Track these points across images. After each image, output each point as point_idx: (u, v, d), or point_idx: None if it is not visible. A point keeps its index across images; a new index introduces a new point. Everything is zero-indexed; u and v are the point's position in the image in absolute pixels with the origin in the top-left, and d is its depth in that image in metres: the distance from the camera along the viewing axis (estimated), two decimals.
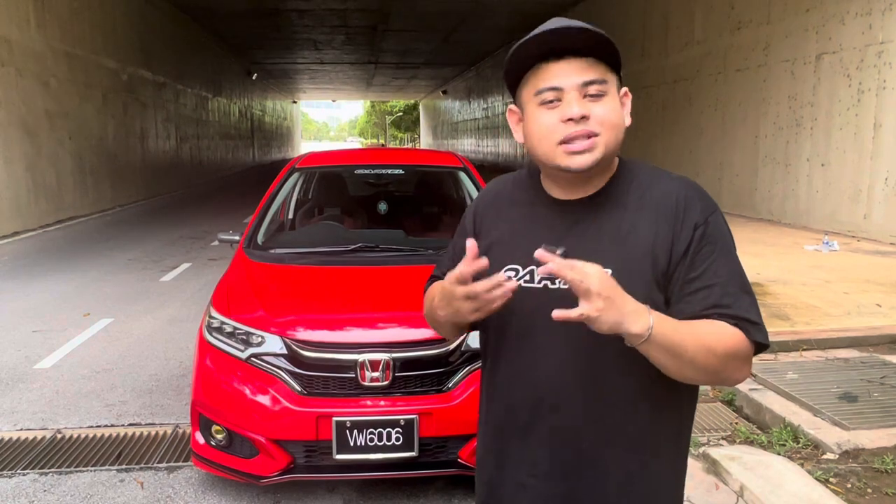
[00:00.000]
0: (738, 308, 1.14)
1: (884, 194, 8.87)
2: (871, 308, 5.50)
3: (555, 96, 1.16)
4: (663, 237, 1.18)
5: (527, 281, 1.22)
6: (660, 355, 1.08)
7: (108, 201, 14.91)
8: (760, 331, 1.14)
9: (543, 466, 1.25)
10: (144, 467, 3.33)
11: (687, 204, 1.20)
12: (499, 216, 1.33)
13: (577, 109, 1.14)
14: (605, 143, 1.16)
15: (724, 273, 1.16)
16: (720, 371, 1.12)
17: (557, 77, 1.15)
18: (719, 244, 1.18)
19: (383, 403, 2.78)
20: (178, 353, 5.06)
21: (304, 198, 4.88)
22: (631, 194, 1.23)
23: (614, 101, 1.18)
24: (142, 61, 17.35)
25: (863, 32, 9.11)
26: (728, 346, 1.11)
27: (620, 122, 1.19)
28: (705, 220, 1.19)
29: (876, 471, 2.95)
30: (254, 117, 35.90)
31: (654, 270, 1.17)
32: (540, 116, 1.18)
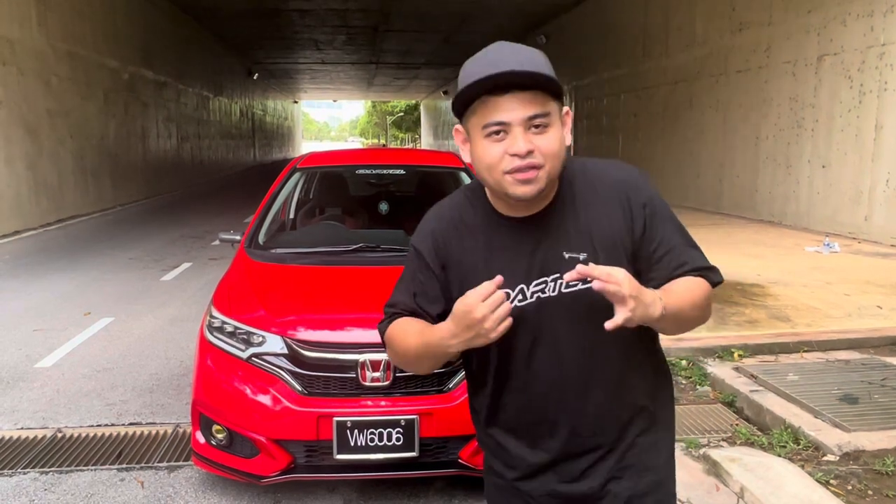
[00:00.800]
0: (695, 261, 1.33)
1: (885, 196, 8.87)
2: (872, 310, 5.50)
3: (501, 129, 1.23)
4: (620, 224, 1.32)
5: (520, 301, 1.30)
6: (669, 324, 1.24)
7: (109, 200, 14.92)
8: (716, 273, 1.35)
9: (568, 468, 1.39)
10: (145, 467, 3.33)
11: (629, 189, 1.34)
12: (463, 244, 1.36)
13: (523, 145, 1.22)
14: (549, 172, 1.26)
15: (676, 236, 1.34)
16: (701, 318, 1.33)
17: (503, 112, 1.22)
18: (664, 213, 1.36)
19: (384, 403, 2.78)
20: (179, 352, 5.06)
21: (305, 198, 4.88)
22: (582, 193, 1.34)
23: (557, 129, 1.26)
24: (143, 61, 17.35)
25: (864, 34, 9.11)
26: (703, 294, 1.31)
27: (562, 150, 1.27)
28: (649, 198, 1.35)
29: (876, 473, 2.95)
30: (255, 117, 35.91)
31: (624, 253, 1.31)
32: (487, 148, 1.25)
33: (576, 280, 1.16)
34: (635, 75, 16.01)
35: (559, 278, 1.28)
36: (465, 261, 1.35)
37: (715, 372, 4.29)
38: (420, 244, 1.40)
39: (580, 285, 1.23)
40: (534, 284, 1.30)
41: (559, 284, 1.29)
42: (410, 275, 1.41)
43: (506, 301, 1.17)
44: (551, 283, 1.29)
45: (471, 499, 3.01)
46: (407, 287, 1.41)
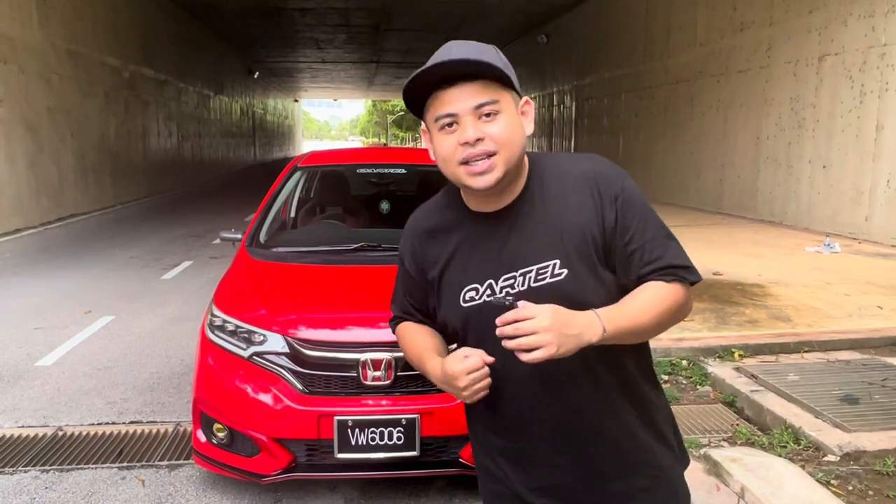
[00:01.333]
0: (667, 258, 1.28)
1: (885, 196, 8.87)
2: (873, 310, 5.50)
3: (452, 121, 1.26)
4: (590, 216, 1.29)
5: (489, 295, 1.31)
6: (620, 340, 1.23)
7: (110, 199, 14.91)
8: (691, 272, 1.30)
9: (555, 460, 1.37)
10: (146, 465, 3.33)
11: (599, 181, 1.31)
12: (439, 243, 1.40)
13: (472, 133, 1.24)
14: (505, 159, 1.25)
15: (650, 230, 1.29)
16: (670, 321, 1.29)
17: (452, 103, 1.25)
18: (638, 206, 1.31)
19: (385, 403, 2.78)
20: (180, 350, 5.06)
21: (306, 197, 4.87)
22: (551, 187, 1.33)
23: (509, 117, 1.26)
24: (144, 59, 17.34)
25: (865, 34, 9.11)
26: (672, 303, 1.27)
27: (517, 136, 1.27)
28: (621, 189, 1.30)
29: (877, 473, 2.95)
30: (255, 116, 35.90)
31: (594, 247, 1.29)
32: (441, 141, 1.28)
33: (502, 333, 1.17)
34: (636, 75, 16.00)
35: (528, 272, 1.28)
36: (440, 259, 1.39)
37: (715, 372, 4.30)
38: (402, 251, 1.48)
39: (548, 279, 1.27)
40: (502, 279, 1.30)
41: (528, 279, 1.29)
42: (401, 278, 1.51)
43: (486, 378, 1.23)
44: (520, 278, 1.29)
45: (471, 498, 3.01)
46: (399, 289, 1.52)
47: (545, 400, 1.34)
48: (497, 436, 1.42)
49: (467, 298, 1.33)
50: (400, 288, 1.51)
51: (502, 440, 1.41)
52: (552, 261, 1.27)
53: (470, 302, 1.33)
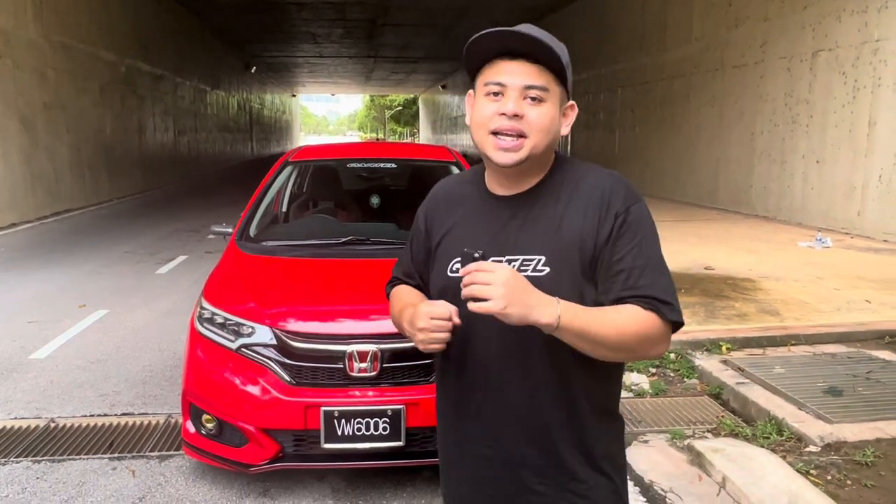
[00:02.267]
0: (651, 289, 1.25)
1: (878, 192, 8.91)
2: (861, 304, 5.54)
3: (499, 90, 1.29)
4: (590, 225, 1.30)
5: None
6: (572, 339, 1.21)
7: (105, 194, 14.92)
8: (673, 310, 1.25)
9: (501, 438, 1.37)
10: (136, 456, 3.37)
11: (611, 195, 1.31)
12: (447, 213, 1.45)
13: (512, 107, 1.27)
14: (532, 145, 1.29)
15: (642, 258, 1.27)
16: (634, 349, 1.25)
17: (505, 74, 1.29)
18: (640, 232, 1.29)
19: (371, 394, 2.82)
20: (173, 344, 5.09)
21: (298, 191, 4.90)
22: (564, 189, 1.35)
23: (551, 109, 1.30)
24: (139, 54, 17.33)
25: (858, 30, 9.14)
26: (639, 327, 1.23)
27: (551, 129, 1.31)
28: (626, 209, 1.30)
29: (856, 463, 2.99)
30: (252, 110, 35.86)
31: (581, 256, 1.29)
32: (483, 105, 1.32)
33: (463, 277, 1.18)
34: (632, 70, 16.02)
35: (514, 261, 1.30)
36: (445, 227, 1.43)
37: (703, 365, 4.34)
38: (419, 211, 1.53)
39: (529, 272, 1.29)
40: (490, 260, 1.28)
41: (512, 266, 1.29)
42: (410, 238, 1.55)
43: (445, 332, 1.25)
44: (505, 263, 1.29)
45: None
46: (407, 250, 1.56)
47: (489, 387, 1.35)
48: (445, 409, 1.48)
49: (453, 269, 1.35)
50: (408, 251, 1.55)
51: (449, 416, 1.46)
52: (539, 256, 1.30)
53: (455, 273, 1.34)
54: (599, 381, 1.37)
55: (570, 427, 1.34)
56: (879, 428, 3.34)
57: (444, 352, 1.38)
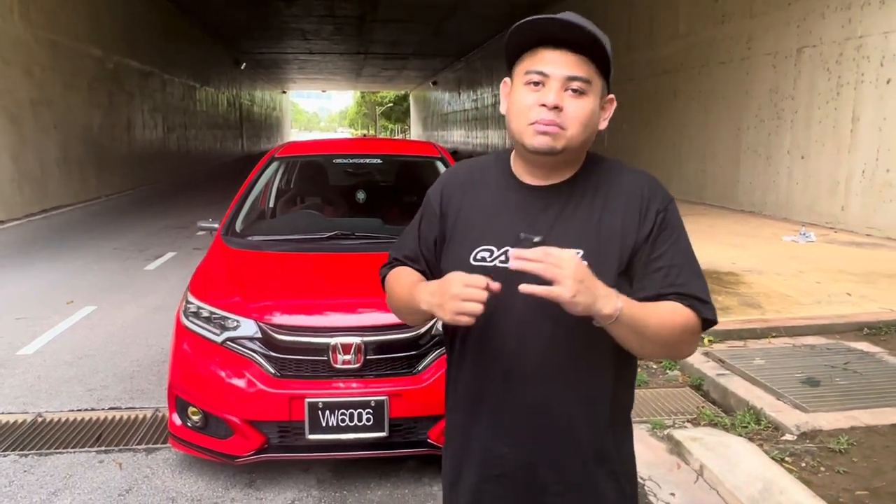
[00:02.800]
0: (690, 287, 1.26)
1: (861, 187, 9.02)
2: (842, 297, 5.63)
3: (540, 80, 1.24)
4: (630, 222, 1.28)
5: (502, 261, 1.28)
6: (626, 333, 1.18)
7: (94, 191, 14.86)
8: (710, 309, 1.26)
9: (520, 436, 1.33)
10: (123, 449, 3.40)
11: (651, 193, 1.31)
12: (468, 197, 1.38)
13: (553, 98, 1.23)
14: (569, 138, 1.25)
15: (681, 257, 1.28)
16: (674, 345, 1.26)
17: (548, 64, 1.24)
18: (676, 230, 1.30)
19: (355, 385, 2.86)
20: (161, 339, 5.11)
21: (285, 187, 4.93)
22: (601, 183, 1.32)
23: (592, 102, 1.26)
24: (127, 50, 17.24)
25: (842, 26, 9.23)
26: (682, 322, 1.23)
27: (591, 123, 1.27)
28: (665, 208, 1.30)
29: (830, 451, 3.06)
30: (242, 107, 35.73)
31: (620, 251, 1.27)
32: (522, 94, 1.27)
33: (519, 267, 1.11)
34: (620, 67, 15.97)
35: None
36: (464, 211, 1.37)
37: None
38: (431, 192, 1.46)
39: None
40: None
41: None
42: (418, 220, 1.47)
43: (479, 303, 1.14)
44: (571, 250, 1.23)
45: (440, 477, 3.09)
46: (413, 232, 1.48)
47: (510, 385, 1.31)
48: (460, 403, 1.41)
49: (478, 257, 1.30)
50: (413, 232, 1.47)
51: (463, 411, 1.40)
52: (576, 249, 1.24)
53: (480, 262, 1.30)
54: (625, 386, 1.37)
55: (593, 430, 1.32)
56: (854, 416, 3.41)
57: (464, 344, 1.35)
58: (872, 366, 4.15)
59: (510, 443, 1.34)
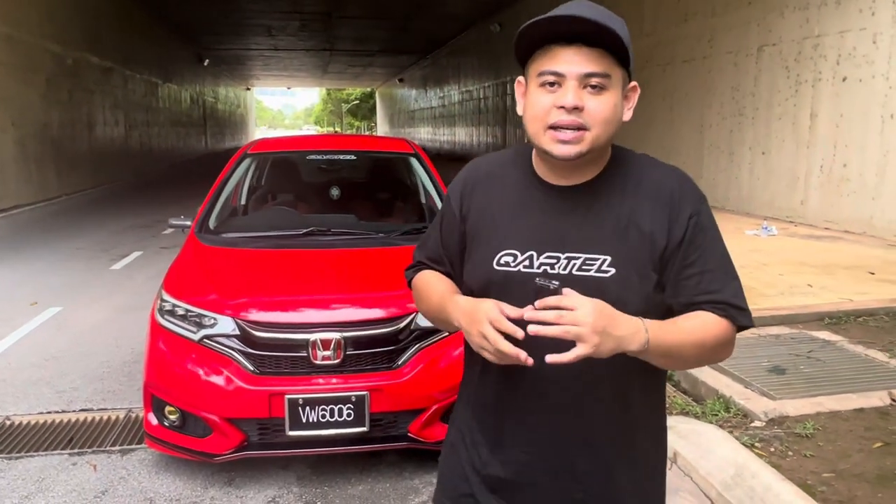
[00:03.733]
0: (725, 293, 1.21)
1: (819, 181, 9.30)
2: (804, 288, 5.80)
3: (555, 80, 1.17)
4: (660, 225, 1.22)
5: (526, 266, 1.23)
6: (657, 359, 1.15)
7: (54, 189, 14.49)
8: (745, 316, 1.22)
9: (542, 445, 1.28)
10: (97, 450, 3.34)
11: (682, 194, 1.24)
12: (489, 195, 1.32)
13: (571, 100, 1.15)
14: (594, 137, 1.18)
15: (715, 261, 1.22)
16: (708, 358, 1.23)
17: (562, 63, 1.16)
18: (710, 233, 1.24)
19: (335, 381, 2.87)
20: (130, 340, 5.03)
21: (256, 184, 4.89)
22: (628, 182, 1.25)
23: (613, 96, 1.18)
24: (88, 46, 16.84)
25: (800, 26, 9.49)
26: (715, 335, 1.19)
27: (614, 118, 1.20)
28: (698, 211, 1.24)
29: (797, 436, 3.17)
30: (206, 104, 35.16)
31: (651, 257, 1.21)
32: (537, 97, 1.20)
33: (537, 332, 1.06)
34: None
35: (575, 259, 1.21)
36: (486, 211, 1.30)
37: None
38: (450, 190, 1.39)
39: (593, 272, 1.19)
40: (545, 255, 1.22)
41: (572, 264, 1.21)
42: (438, 220, 1.42)
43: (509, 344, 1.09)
44: (564, 261, 1.21)
45: (421, 471, 3.13)
46: (434, 233, 1.42)
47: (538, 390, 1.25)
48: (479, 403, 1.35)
49: (502, 262, 1.24)
50: (435, 233, 1.41)
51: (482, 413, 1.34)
52: (604, 256, 1.19)
53: (504, 266, 1.24)
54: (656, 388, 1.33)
55: (623, 435, 1.28)
56: (819, 402, 3.53)
57: None
58: (834, 354, 4.30)
59: (531, 450, 1.29)
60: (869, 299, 5.42)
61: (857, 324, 4.90)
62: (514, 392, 1.27)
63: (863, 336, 4.62)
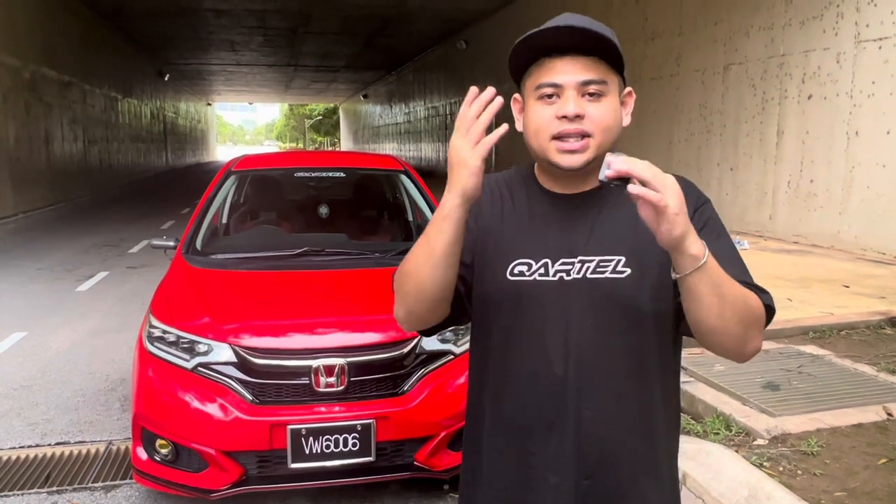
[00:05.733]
0: (747, 276, 1.19)
1: (786, 196, 9.51)
2: (783, 302, 5.87)
3: (553, 92, 1.18)
4: None
5: (541, 274, 1.22)
6: (708, 289, 1.06)
7: (10, 207, 13.94)
8: (768, 296, 1.19)
9: (568, 463, 1.24)
10: (78, 488, 3.14)
11: (687, 192, 1.20)
12: (496, 214, 1.30)
13: (573, 108, 1.16)
14: (598, 144, 1.19)
15: (726, 251, 1.20)
16: (748, 326, 1.13)
17: (558, 74, 1.17)
18: (717, 229, 1.24)
19: (338, 409, 2.75)
20: (104, 365, 4.80)
21: (240, 202, 4.74)
22: None
23: (612, 102, 1.20)
24: (45, 59, 16.33)
25: (765, 45, 9.74)
26: (752, 299, 1.14)
27: (615, 124, 1.21)
28: (703, 205, 1.25)
29: (803, 454, 3.16)
30: (166, 119, 34.50)
31: (663, 256, 1.16)
32: (537, 110, 1.20)
33: (614, 178, 1.02)
34: None
35: (588, 262, 1.20)
36: (494, 230, 1.28)
37: None
38: None
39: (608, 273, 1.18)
40: (560, 262, 1.21)
41: (586, 268, 1.21)
42: None
43: (494, 106, 1.06)
44: (577, 265, 1.21)
45: (425, 500, 3.02)
46: None
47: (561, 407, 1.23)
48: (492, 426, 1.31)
49: (516, 272, 1.23)
50: None
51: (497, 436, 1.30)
52: (617, 257, 1.20)
53: (519, 276, 1.22)
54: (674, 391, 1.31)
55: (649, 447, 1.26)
56: (818, 419, 3.54)
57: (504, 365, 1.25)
58: (824, 368, 4.33)
59: (561, 471, 1.24)
60: (848, 312, 5.51)
61: (840, 337, 4.97)
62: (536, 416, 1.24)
63: (848, 350, 4.68)
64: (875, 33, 8.04)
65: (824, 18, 8.73)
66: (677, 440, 1.36)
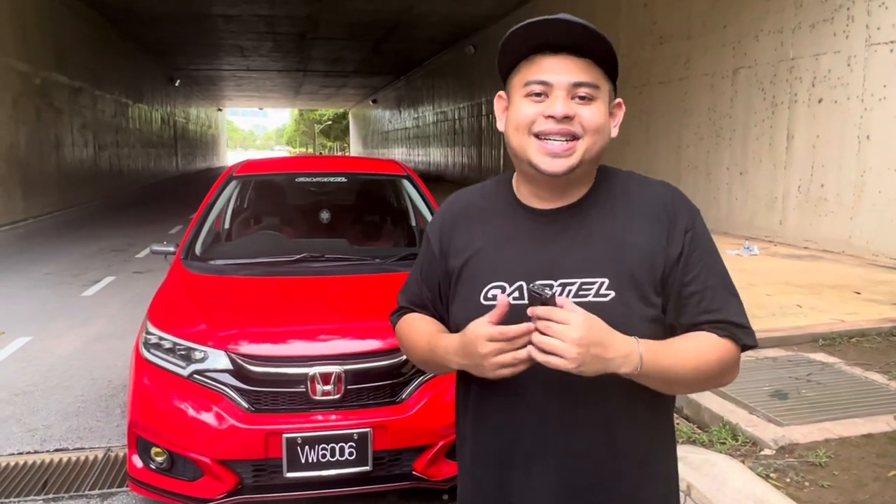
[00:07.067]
0: (727, 312, 1.16)
1: (797, 201, 9.40)
2: (793, 309, 5.79)
3: (542, 90, 1.12)
4: (657, 242, 1.16)
5: (516, 298, 1.15)
6: (653, 383, 1.10)
7: (20, 212, 14.05)
8: (748, 334, 1.16)
9: (548, 496, 1.19)
10: (75, 495, 3.12)
11: (675, 209, 1.19)
12: (471, 230, 1.25)
13: (561, 108, 1.10)
14: (586, 148, 1.13)
15: (714, 277, 1.17)
16: (712, 383, 1.17)
17: (549, 72, 1.12)
18: (706, 248, 1.19)
19: (335, 417, 2.71)
20: (106, 371, 4.79)
21: (240, 207, 4.72)
22: (617, 201, 1.20)
23: (602, 107, 1.15)
24: (56, 65, 16.47)
25: (775, 49, 9.66)
26: (718, 358, 1.14)
27: (605, 128, 1.16)
28: (693, 225, 1.19)
29: (811, 464, 3.09)
30: (177, 125, 34.72)
31: (651, 278, 1.15)
32: (523, 106, 1.14)
33: (544, 299, 1.02)
34: None
35: (570, 285, 1.14)
36: (469, 246, 1.23)
37: None
38: (429, 230, 1.33)
39: (591, 297, 1.13)
40: (556, 291, 1.15)
41: (568, 291, 1.14)
42: (419, 262, 1.35)
43: (515, 351, 1.04)
44: (558, 288, 1.13)
45: None
46: (417, 275, 1.35)
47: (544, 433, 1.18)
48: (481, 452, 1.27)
49: (489, 296, 1.17)
50: (417, 275, 1.34)
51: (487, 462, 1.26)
52: (601, 279, 1.13)
53: (492, 300, 1.15)
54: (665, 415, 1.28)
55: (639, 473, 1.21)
56: (826, 428, 3.46)
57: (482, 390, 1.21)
58: (833, 377, 4.25)
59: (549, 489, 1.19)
60: (859, 319, 5.41)
61: (851, 345, 4.88)
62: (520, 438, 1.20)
63: (858, 357, 4.59)
64: (886, 36, 7.94)
65: (834, 21, 8.64)
66: (674, 461, 1.30)
